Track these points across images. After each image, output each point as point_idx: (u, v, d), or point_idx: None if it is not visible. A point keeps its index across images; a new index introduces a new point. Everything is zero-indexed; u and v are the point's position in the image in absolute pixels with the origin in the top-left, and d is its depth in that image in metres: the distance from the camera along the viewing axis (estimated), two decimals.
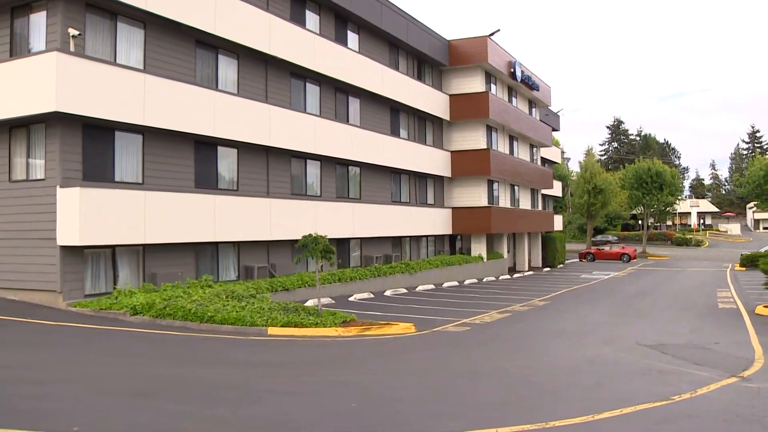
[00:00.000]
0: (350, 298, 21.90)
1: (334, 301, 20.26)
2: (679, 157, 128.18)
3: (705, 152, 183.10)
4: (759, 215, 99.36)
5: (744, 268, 41.99)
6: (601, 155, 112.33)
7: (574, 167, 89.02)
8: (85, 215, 15.31)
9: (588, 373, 11.31)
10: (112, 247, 16.67)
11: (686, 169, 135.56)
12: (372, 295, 23.08)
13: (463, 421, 7.27)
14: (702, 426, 7.67)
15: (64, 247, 15.57)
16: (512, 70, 37.23)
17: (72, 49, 15.53)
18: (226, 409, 7.34)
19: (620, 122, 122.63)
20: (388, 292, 24.47)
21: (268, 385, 8.97)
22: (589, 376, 10.96)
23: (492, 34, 34.63)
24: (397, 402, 8.40)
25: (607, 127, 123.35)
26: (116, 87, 16.29)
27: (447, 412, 7.92)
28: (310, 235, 14.94)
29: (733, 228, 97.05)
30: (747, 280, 32.46)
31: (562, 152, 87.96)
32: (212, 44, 19.85)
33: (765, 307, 20.64)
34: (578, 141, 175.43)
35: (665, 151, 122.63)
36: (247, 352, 12.03)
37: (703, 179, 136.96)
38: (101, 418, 6.80)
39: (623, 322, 18.20)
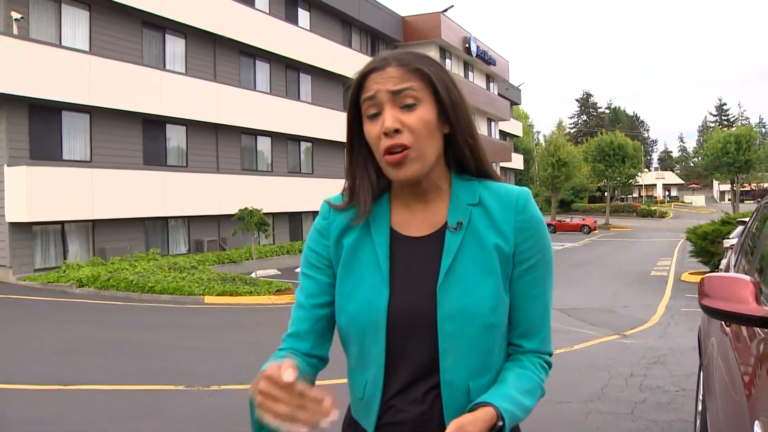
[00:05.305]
0: (296, 270, 22.71)
1: (280, 273, 21.13)
2: (648, 130, 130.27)
3: (675, 125, 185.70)
4: (724, 187, 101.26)
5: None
6: (570, 128, 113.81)
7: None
8: (32, 192, 16.05)
9: None
10: (61, 222, 17.44)
11: (655, 142, 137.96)
12: None
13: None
14: (556, 372, 8.67)
15: (12, 224, 16.32)
16: (467, 45, 38.07)
17: (15, 32, 16.14)
18: (136, 362, 8.28)
19: (589, 95, 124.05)
20: None
21: (184, 344, 9.91)
22: None
23: (445, 10, 35.42)
24: None
25: (576, 100, 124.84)
26: (61, 69, 16.93)
27: None
28: (246, 208, 15.81)
29: (698, 200, 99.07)
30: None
31: (531, 126, 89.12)
32: (159, 25, 20.47)
33: (690, 274, 21.92)
34: (553, 114, 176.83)
35: (634, 124, 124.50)
36: (178, 318, 12.95)
37: (671, 152, 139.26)
38: (21, 370, 7.71)
39: None
